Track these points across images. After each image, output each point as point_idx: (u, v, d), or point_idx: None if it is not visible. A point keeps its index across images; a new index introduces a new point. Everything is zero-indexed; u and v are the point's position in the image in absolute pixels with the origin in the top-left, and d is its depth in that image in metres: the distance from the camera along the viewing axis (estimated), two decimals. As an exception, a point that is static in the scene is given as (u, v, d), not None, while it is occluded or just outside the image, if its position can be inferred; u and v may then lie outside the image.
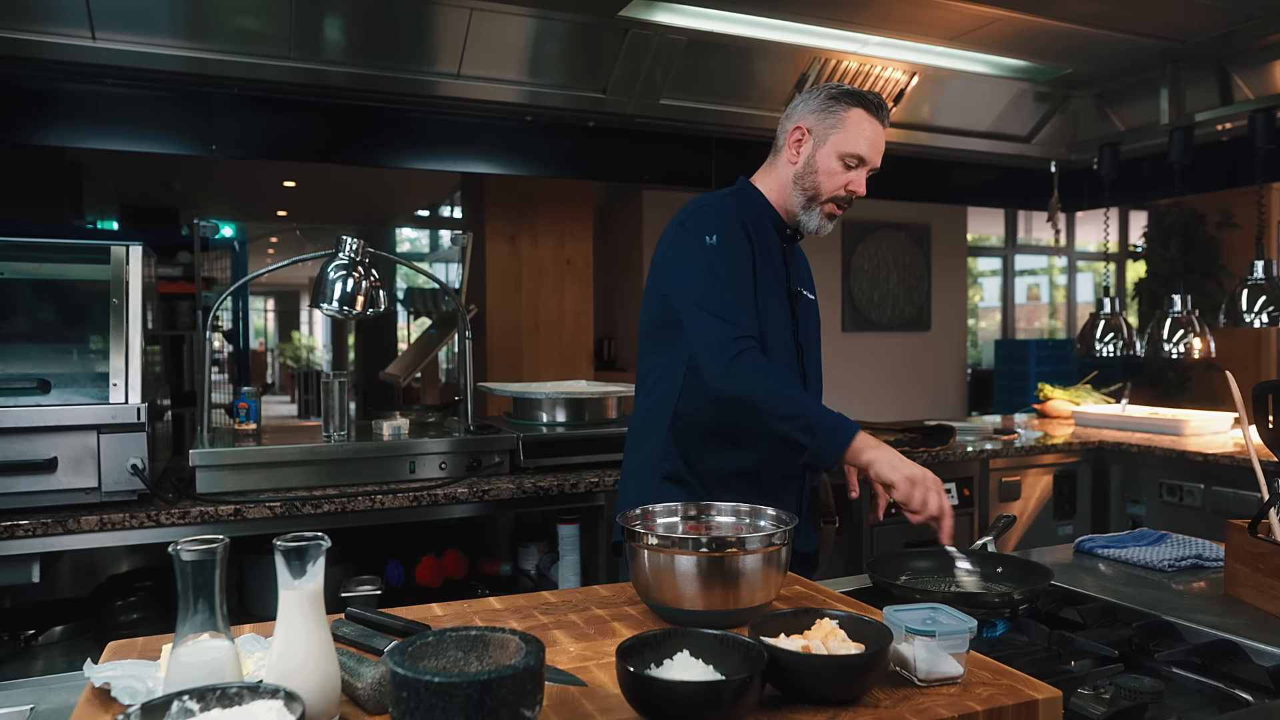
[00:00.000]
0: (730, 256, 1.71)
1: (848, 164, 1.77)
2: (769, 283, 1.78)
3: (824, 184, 1.78)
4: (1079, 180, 4.11)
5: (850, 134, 1.77)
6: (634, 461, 1.86)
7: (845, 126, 1.77)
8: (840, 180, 1.78)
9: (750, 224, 1.78)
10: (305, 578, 0.90)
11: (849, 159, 1.77)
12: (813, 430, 1.59)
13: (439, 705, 0.77)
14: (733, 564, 1.14)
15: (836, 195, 1.78)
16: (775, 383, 1.64)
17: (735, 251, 1.72)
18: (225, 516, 2.05)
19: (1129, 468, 3.28)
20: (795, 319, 1.84)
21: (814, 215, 1.80)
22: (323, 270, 2.37)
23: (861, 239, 6.79)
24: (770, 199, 1.84)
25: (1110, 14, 2.85)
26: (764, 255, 1.78)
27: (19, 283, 2.17)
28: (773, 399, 1.62)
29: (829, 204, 1.79)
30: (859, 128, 1.77)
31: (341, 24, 2.69)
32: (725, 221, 1.74)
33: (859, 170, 1.78)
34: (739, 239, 1.73)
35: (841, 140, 1.77)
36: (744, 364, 1.62)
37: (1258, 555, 1.41)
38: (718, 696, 0.87)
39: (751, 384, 1.63)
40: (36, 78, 2.62)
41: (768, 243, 1.81)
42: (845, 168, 1.77)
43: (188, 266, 5.38)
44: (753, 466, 1.75)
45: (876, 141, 1.79)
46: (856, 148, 1.76)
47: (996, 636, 1.32)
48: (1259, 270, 3.19)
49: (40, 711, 1.04)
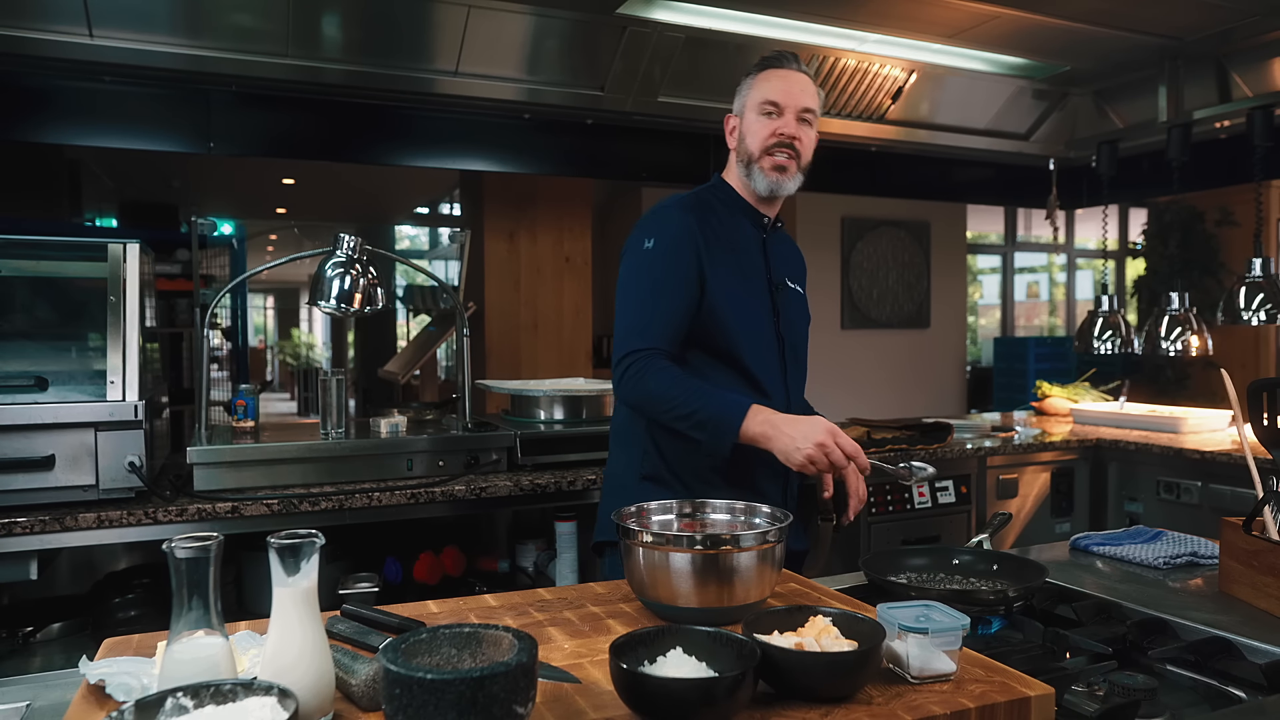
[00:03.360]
0: (661, 260, 1.73)
1: (766, 112, 1.78)
2: (741, 274, 1.79)
3: (751, 142, 1.80)
4: (1078, 178, 4.11)
5: (759, 89, 1.80)
6: (615, 463, 1.88)
7: (755, 86, 1.81)
8: (765, 130, 1.78)
9: (717, 218, 1.80)
10: (299, 575, 0.91)
11: (764, 107, 1.78)
12: (703, 425, 1.63)
13: (431, 702, 0.78)
14: (727, 561, 1.15)
15: (767, 145, 1.78)
16: (665, 385, 1.66)
17: (668, 255, 1.73)
18: (223, 514, 2.05)
19: (1126, 465, 3.28)
20: (777, 310, 1.84)
21: (759, 176, 1.80)
22: (321, 268, 2.37)
23: (861, 236, 6.78)
24: (740, 193, 1.86)
25: (1109, 11, 2.85)
26: (736, 247, 1.80)
27: (17, 280, 2.17)
28: (665, 401, 1.67)
29: (764, 157, 1.78)
30: (766, 81, 1.80)
31: (339, 21, 2.69)
32: (667, 224, 1.76)
33: (782, 116, 1.78)
34: (678, 241, 1.73)
35: (753, 98, 1.80)
36: (635, 373, 1.68)
37: (1252, 553, 1.42)
38: (710, 693, 0.87)
39: (644, 391, 1.69)
40: (34, 75, 2.62)
41: (741, 235, 1.82)
42: (766, 117, 1.78)
43: (186, 264, 5.37)
44: (730, 463, 1.72)
45: (789, 87, 1.79)
46: (767, 95, 1.78)
47: (991, 633, 1.32)
48: (1257, 268, 3.19)
49: (36, 708, 1.04)
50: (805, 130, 1.81)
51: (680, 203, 1.81)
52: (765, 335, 1.81)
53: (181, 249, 5.39)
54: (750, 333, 1.77)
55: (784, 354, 1.84)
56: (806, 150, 1.82)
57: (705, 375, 1.73)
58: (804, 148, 1.81)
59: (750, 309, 1.79)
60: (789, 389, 1.83)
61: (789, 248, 1.98)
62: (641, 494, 1.75)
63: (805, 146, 1.81)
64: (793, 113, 1.78)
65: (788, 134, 1.77)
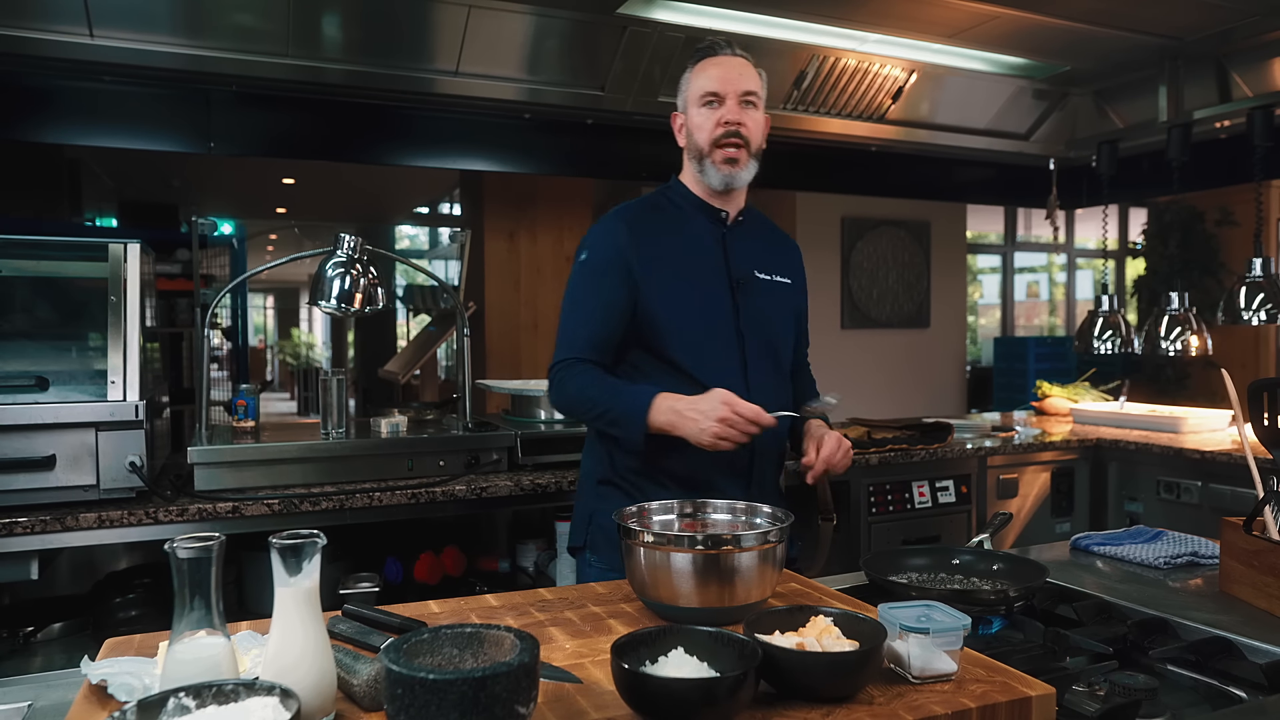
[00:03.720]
0: (589, 274, 1.75)
1: (708, 103, 1.75)
2: (690, 273, 1.76)
3: (699, 136, 1.77)
4: (1078, 177, 4.11)
5: (697, 81, 1.77)
6: (583, 467, 1.90)
7: (693, 80, 1.79)
8: (709, 121, 1.75)
9: (666, 219, 1.80)
10: (301, 575, 0.91)
11: (705, 99, 1.75)
12: (616, 422, 1.67)
13: (433, 702, 0.78)
14: (728, 561, 1.15)
15: (715, 137, 1.74)
16: (582, 387, 1.71)
17: (596, 267, 1.75)
18: (223, 514, 2.05)
19: (1126, 465, 3.28)
20: (737, 306, 1.79)
21: (712, 170, 1.76)
22: (321, 268, 2.37)
23: (860, 236, 6.78)
24: (693, 190, 1.83)
25: (1109, 11, 2.85)
26: (686, 247, 1.78)
27: (17, 280, 2.17)
28: (583, 404, 1.72)
29: (714, 150, 1.75)
30: (703, 72, 1.77)
31: (340, 21, 2.69)
32: (599, 236, 1.78)
33: (724, 105, 1.74)
34: (606, 252, 1.74)
35: (693, 92, 1.78)
36: (557, 381, 1.74)
37: (1253, 552, 1.42)
38: (712, 693, 0.87)
39: (565, 396, 1.75)
40: (35, 75, 2.62)
41: (694, 233, 1.80)
42: (709, 108, 1.75)
43: (186, 264, 5.36)
44: (682, 464, 1.70)
45: (726, 73, 1.75)
46: (705, 86, 1.75)
47: (992, 633, 1.32)
48: (1257, 267, 3.19)
49: (38, 708, 1.04)
50: (750, 114, 1.76)
51: (620, 211, 1.80)
52: (719, 333, 1.77)
53: (181, 249, 5.39)
54: (695, 332, 1.74)
55: (745, 350, 1.78)
56: (755, 135, 1.78)
57: (650, 378, 1.72)
58: (751, 133, 1.77)
59: (698, 308, 1.75)
60: (750, 385, 1.75)
61: (766, 239, 1.93)
62: (598, 499, 1.80)
63: (752, 131, 1.77)
64: (734, 99, 1.74)
65: (732, 121, 1.73)
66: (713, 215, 1.82)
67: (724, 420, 1.54)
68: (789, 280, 1.90)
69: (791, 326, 1.92)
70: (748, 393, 1.72)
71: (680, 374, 1.72)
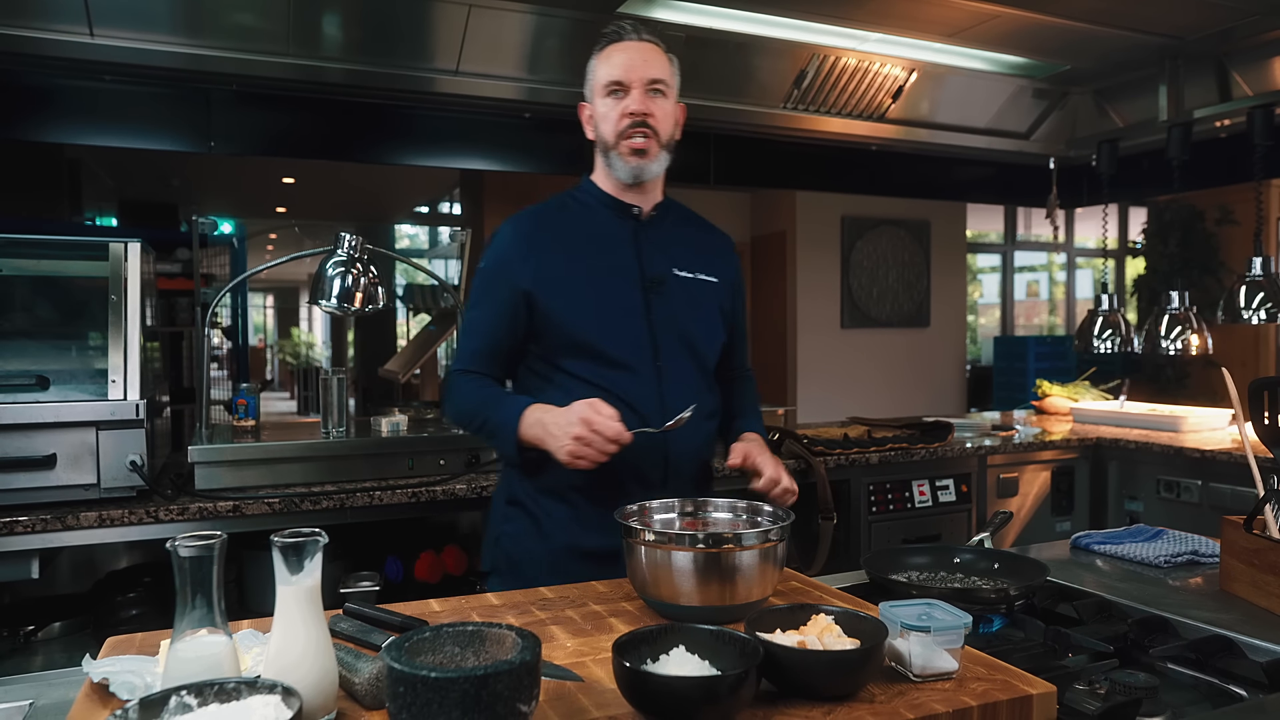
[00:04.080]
0: (482, 283, 1.69)
1: (612, 93, 1.65)
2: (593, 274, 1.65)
3: (604, 127, 1.67)
4: (1078, 177, 4.11)
5: (601, 69, 1.67)
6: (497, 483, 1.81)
7: (597, 67, 1.68)
8: (614, 112, 1.65)
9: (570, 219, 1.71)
10: (303, 573, 0.91)
11: (609, 88, 1.65)
12: (492, 434, 1.61)
13: (435, 700, 0.78)
14: (729, 560, 1.15)
15: (620, 128, 1.64)
16: (464, 397, 1.65)
17: (488, 276, 1.69)
18: (224, 513, 2.05)
19: (1127, 464, 3.28)
20: (649, 307, 1.66)
21: (619, 162, 1.66)
22: (321, 267, 2.37)
23: (860, 235, 6.78)
24: (602, 186, 1.73)
25: (1109, 10, 2.85)
26: (591, 247, 1.68)
27: (18, 279, 2.17)
28: (464, 416, 1.66)
29: (620, 142, 1.64)
30: (607, 59, 1.67)
31: (340, 20, 2.69)
32: (494, 243, 1.71)
33: (629, 94, 1.64)
34: (499, 259, 1.68)
35: (598, 81, 1.68)
36: (446, 395, 1.70)
37: (1253, 551, 1.42)
38: (713, 692, 0.87)
39: (450, 408, 1.70)
40: (35, 74, 2.62)
41: (601, 232, 1.70)
42: (614, 98, 1.65)
43: (187, 263, 5.37)
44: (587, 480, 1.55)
45: (631, 60, 1.64)
46: (609, 75, 1.65)
47: (993, 632, 1.32)
48: (1257, 266, 3.19)
49: (40, 706, 1.04)
50: (658, 103, 1.65)
51: (519, 217, 1.73)
52: (629, 337, 1.64)
53: (182, 248, 5.39)
54: (602, 338, 1.62)
55: (659, 354, 1.65)
56: (664, 125, 1.66)
57: (560, 388, 1.62)
58: (660, 123, 1.65)
59: (604, 311, 1.64)
60: (664, 391, 1.63)
61: (689, 235, 1.79)
62: (504, 520, 1.71)
63: (661, 122, 1.65)
64: (640, 87, 1.63)
65: (637, 111, 1.62)
66: (623, 211, 1.71)
67: (579, 438, 1.44)
68: (715, 279, 1.76)
69: (717, 327, 1.77)
70: (661, 399, 1.62)
71: (588, 383, 1.61)
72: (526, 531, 1.66)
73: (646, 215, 1.72)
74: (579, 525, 1.62)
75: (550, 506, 1.64)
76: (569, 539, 1.63)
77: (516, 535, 1.68)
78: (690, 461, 1.68)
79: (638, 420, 1.55)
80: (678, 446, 1.61)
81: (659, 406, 1.61)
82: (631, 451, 1.49)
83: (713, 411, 1.75)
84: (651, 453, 1.58)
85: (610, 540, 1.53)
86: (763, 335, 7.10)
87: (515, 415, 1.55)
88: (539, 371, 1.68)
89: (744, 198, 6.99)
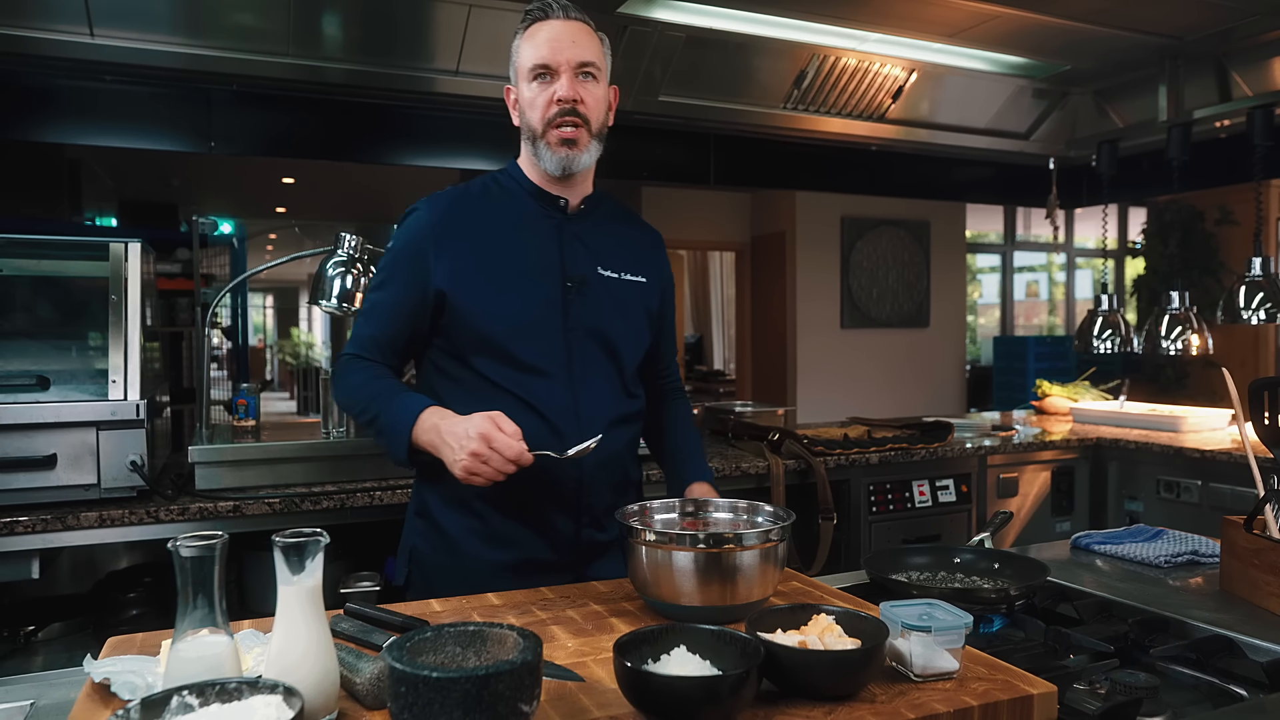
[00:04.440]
0: (387, 264, 1.57)
1: (538, 76, 1.52)
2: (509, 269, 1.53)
3: (531, 115, 1.54)
4: (1078, 177, 4.11)
5: (525, 50, 1.53)
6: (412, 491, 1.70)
7: (521, 48, 1.54)
8: (541, 98, 1.52)
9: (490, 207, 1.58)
10: (304, 574, 0.91)
11: (535, 72, 1.51)
12: (382, 432, 1.47)
13: (437, 700, 0.78)
14: (730, 560, 1.15)
15: (548, 116, 1.51)
16: (354, 386, 1.52)
17: (393, 259, 1.56)
18: (224, 513, 2.05)
19: (1126, 464, 3.29)
20: (566, 307, 1.54)
21: (546, 153, 1.53)
22: (322, 267, 2.37)
23: (860, 235, 6.78)
24: (529, 174, 1.62)
25: (1109, 11, 2.85)
26: (511, 240, 1.55)
27: (18, 279, 2.17)
28: (353, 406, 1.53)
29: (549, 131, 1.52)
30: (531, 39, 1.53)
31: (340, 21, 2.69)
32: (405, 226, 1.58)
33: (556, 78, 1.51)
34: (406, 244, 1.55)
35: (523, 64, 1.54)
36: (334, 377, 1.58)
37: (1253, 551, 1.42)
38: (714, 692, 0.87)
39: (337, 395, 1.59)
40: (35, 74, 2.62)
41: (526, 223, 1.57)
42: (539, 83, 1.52)
43: (187, 263, 5.37)
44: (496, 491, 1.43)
45: (558, 42, 1.50)
46: (535, 58, 1.51)
47: (993, 632, 1.32)
48: (1257, 267, 3.19)
49: (41, 707, 1.04)
50: (588, 88, 1.52)
51: (436, 198, 1.59)
52: (542, 338, 1.52)
53: (182, 248, 5.40)
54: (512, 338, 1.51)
55: (571, 357, 1.53)
56: (594, 112, 1.53)
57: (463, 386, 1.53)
58: (591, 110, 1.52)
59: (517, 310, 1.52)
60: (579, 397, 1.52)
61: (617, 231, 1.66)
62: (413, 533, 1.61)
63: (591, 109, 1.52)
64: (568, 71, 1.50)
65: (566, 98, 1.50)
66: (549, 203, 1.58)
67: (475, 454, 1.32)
68: (643, 279, 1.64)
69: (642, 328, 1.65)
70: (576, 409, 1.51)
71: (499, 388, 1.50)
72: (436, 546, 1.56)
73: (574, 209, 1.60)
74: (487, 539, 1.53)
75: (457, 519, 1.54)
76: (477, 553, 1.53)
77: (427, 550, 1.58)
78: (607, 471, 1.56)
79: (548, 432, 1.47)
80: (591, 459, 1.47)
81: (573, 416, 1.51)
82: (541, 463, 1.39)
83: (636, 414, 1.64)
84: (563, 465, 1.46)
85: (522, 553, 1.51)
86: (763, 335, 7.10)
87: (410, 417, 1.42)
88: (446, 370, 1.56)
89: (744, 198, 7.00)
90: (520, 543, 1.53)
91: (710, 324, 10.76)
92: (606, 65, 1.57)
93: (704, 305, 10.87)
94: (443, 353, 1.56)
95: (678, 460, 1.71)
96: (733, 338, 9.28)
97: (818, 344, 6.71)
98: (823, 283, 6.73)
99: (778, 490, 2.66)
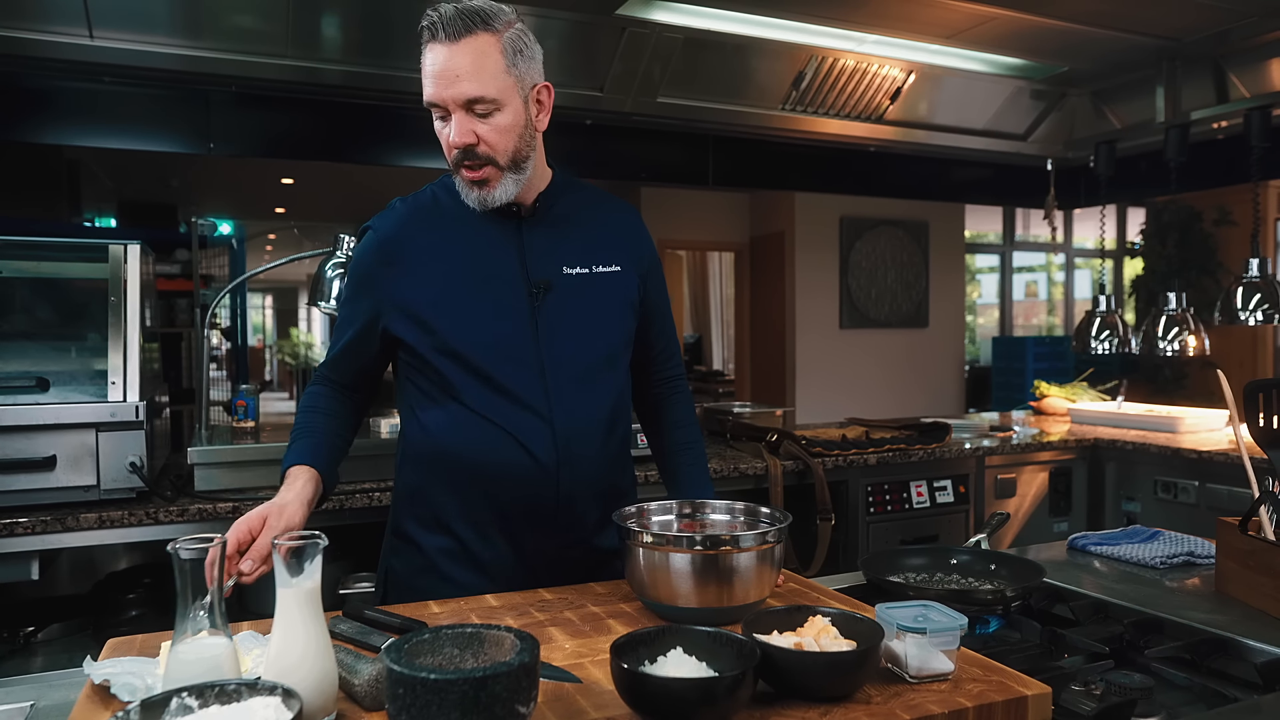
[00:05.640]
0: (350, 283, 1.52)
1: (439, 117, 1.39)
2: (467, 279, 1.45)
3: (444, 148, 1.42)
4: (1076, 178, 4.12)
5: (423, 78, 1.37)
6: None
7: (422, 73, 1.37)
8: (442, 137, 1.40)
9: (442, 216, 1.49)
10: (303, 576, 0.91)
11: (432, 111, 1.39)
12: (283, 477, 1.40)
13: (435, 702, 0.78)
14: (727, 562, 1.15)
15: (451, 158, 1.41)
16: (298, 415, 1.50)
17: (351, 279, 1.52)
18: (224, 514, 2.06)
19: (1124, 465, 3.29)
20: (535, 313, 1.45)
21: (464, 189, 1.43)
22: (320, 268, 2.37)
23: (859, 236, 6.79)
24: None
25: (1106, 12, 2.86)
26: (466, 251, 1.46)
27: (17, 281, 2.17)
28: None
29: (458, 169, 1.41)
30: (423, 64, 1.36)
31: (339, 22, 2.69)
32: (359, 246, 1.52)
33: (448, 120, 1.37)
34: (359, 263, 1.50)
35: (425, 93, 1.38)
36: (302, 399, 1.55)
37: (1248, 552, 1.43)
38: (711, 693, 0.88)
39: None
40: (34, 76, 2.62)
41: (482, 232, 1.47)
42: (438, 118, 1.39)
43: (186, 264, 5.38)
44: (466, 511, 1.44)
45: (439, 73, 1.34)
46: (426, 92, 1.36)
47: (989, 633, 1.33)
48: (1254, 268, 3.20)
49: (40, 708, 1.05)
50: (487, 124, 1.37)
51: (385, 214, 1.51)
52: (510, 349, 1.44)
53: (181, 249, 5.40)
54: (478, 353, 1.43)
55: (544, 366, 1.44)
56: (499, 145, 1.38)
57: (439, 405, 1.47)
58: (494, 146, 1.38)
59: (481, 324, 1.43)
60: (553, 407, 1.43)
61: (582, 222, 1.54)
62: (393, 553, 1.55)
63: (495, 143, 1.38)
64: (457, 110, 1.35)
65: (458, 144, 1.37)
66: (502, 211, 1.46)
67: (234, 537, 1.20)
68: (616, 267, 1.53)
69: (625, 320, 1.54)
70: (550, 416, 1.43)
71: (483, 418, 1.43)
72: (414, 567, 1.51)
73: (529, 211, 1.49)
74: (464, 560, 1.47)
75: (434, 540, 1.48)
76: (454, 573, 1.47)
77: (405, 570, 1.52)
78: (588, 485, 1.47)
79: (531, 463, 1.41)
80: (570, 473, 1.42)
81: (550, 443, 1.42)
82: (519, 480, 1.38)
83: (623, 417, 1.55)
84: (541, 481, 1.42)
85: (501, 572, 1.46)
86: (761, 336, 7.11)
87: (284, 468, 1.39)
88: (429, 394, 1.48)
89: (742, 199, 7.01)
90: (497, 562, 1.47)
91: (709, 324, 10.77)
92: (516, 79, 1.37)
93: (703, 306, 10.88)
94: (417, 372, 1.49)
95: (679, 479, 1.62)
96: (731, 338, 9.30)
97: (816, 344, 6.72)
98: (821, 283, 6.73)
99: (776, 491, 2.67)
